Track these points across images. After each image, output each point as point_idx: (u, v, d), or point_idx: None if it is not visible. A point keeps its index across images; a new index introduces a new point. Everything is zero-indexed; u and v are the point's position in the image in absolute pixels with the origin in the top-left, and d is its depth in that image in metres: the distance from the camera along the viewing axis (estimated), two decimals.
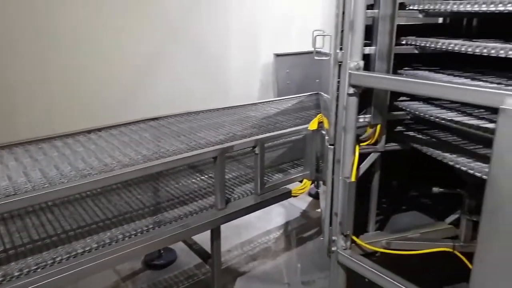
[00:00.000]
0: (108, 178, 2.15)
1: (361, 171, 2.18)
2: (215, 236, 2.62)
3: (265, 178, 2.85)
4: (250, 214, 2.73)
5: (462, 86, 1.54)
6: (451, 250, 2.25)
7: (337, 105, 2.09)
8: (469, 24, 2.59)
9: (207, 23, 5.06)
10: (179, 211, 2.53)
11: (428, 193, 2.61)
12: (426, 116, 2.03)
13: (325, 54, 3.97)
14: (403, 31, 2.21)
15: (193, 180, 2.95)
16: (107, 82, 4.34)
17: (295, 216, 4.22)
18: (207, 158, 2.51)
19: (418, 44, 2.14)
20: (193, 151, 2.59)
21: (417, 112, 2.06)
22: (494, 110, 1.42)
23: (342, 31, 2.02)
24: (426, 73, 2.18)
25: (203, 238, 2.73)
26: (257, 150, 2.61)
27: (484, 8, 1.73)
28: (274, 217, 4.14)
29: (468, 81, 1.96)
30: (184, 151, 2.81)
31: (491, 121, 1.72)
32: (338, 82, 2.06)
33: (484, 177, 1.60)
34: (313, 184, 3.26)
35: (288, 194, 2.89)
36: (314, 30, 4.18)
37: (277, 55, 5.63)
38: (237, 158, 3.29)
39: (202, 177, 2.99)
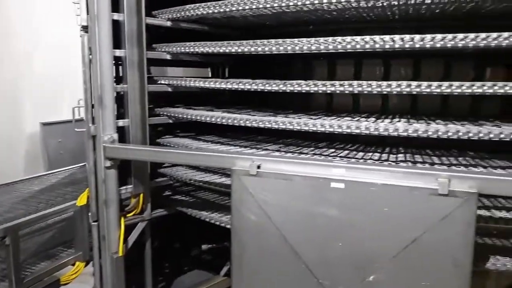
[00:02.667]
0: None
1: (130, 242, 2.14)
2: None
3: (28, 269, 2.47)
4: None
5: (201, 153, 1.73)
6: None
7: (96, 179, 2.03)
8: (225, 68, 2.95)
9: None
10: None
11: (208, 250, 2.77)
12: (185, 180, 2.18)
13: None
14: (158, 100, 2.36)
15: None
16: None
17: None
18: None
19: (171, 114, 2.31)
20: None
21: (175, 177, 2.19)
22: None
23: (92, 105, 2.02)
24: (182, 140, 2.35)
25: None
26: (7, 240, 2.25)
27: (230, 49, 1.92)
28: None
29: (216, 145, 2.21)
30: None
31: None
32: (94, 155, 2.02)
33: (228, 226, 1.79)
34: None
35: (56, 284, 2.56)
36: (80, 99, 4.02)
37: (44, 124, 5.13)
38: None
39: None
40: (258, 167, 1.58)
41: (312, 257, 1.52)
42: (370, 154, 1.98)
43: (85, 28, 1.97)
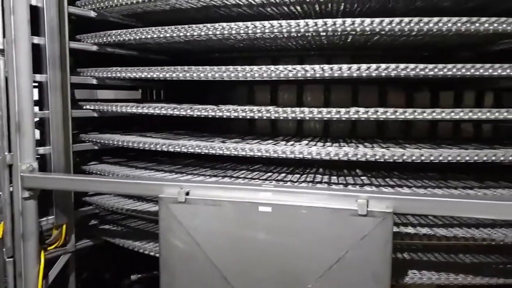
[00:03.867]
0: None
1: (51, 278, 2.00)
2: None
3: None
4: None
5: (126, 181, 1.69)
6: None
7: (12, 211, 1.89)
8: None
9: None
10: None
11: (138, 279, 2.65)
12: (111, 208, 2.10)
13: None
14: (85, 125, 2.28)
15: None
16: None
17: None
18: None
19: (97, 141, 2.23)
20: None
21: (101, 206, 2.11)
22: None
23: (9, 133, 1.90)
24: (110, 167, 2.26)
25: None
26: None
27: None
28: None
29: (147, 172, 2.16)
30: None
31: None
32: (11, 186, 1.88)
33: (157, 255, 1.74)
34: None
35: None
36: None
37: None
38: None
39: None
40: (187, 193, 1.57)
41: (241, 282, 1.53)
42: (298, 176, 2.06)
43: (1, 52, 1.86)
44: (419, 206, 1.47)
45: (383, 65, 1.61)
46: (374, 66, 1.61)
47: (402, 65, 1.59)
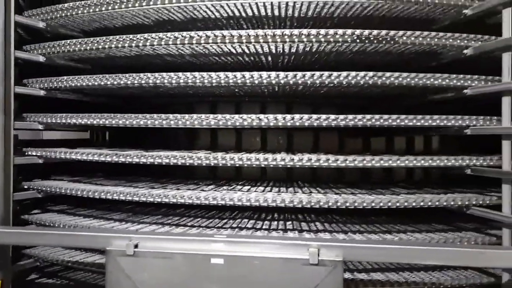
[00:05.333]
0: None
1: None
2: None
3: None
4: None
5: (69, 233, 1.60)
6: None
7: None
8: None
9: None
10: None
11: None
12: (57, 262, 1.97)
13: None
14: (27, 173, 2.17)
15: None
16: None
17: None
18: None
19: (40, 188, 2.12)
20: None
21: (42, 258, 1.97)
22: None
23: None
24: (54, 216, 2.14)
25: None
26: None
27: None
28: None
29: (96, 221, 2.05)
30: None
31: None
32: None
33: None
34: None
35: None
36: None
37: None
38: None
39: None
40: (136, 246, 1.50)
41: None
42: (253, 221, 2.05)
43: None
44: (369, 254, 1.49)
45: (315, 116, 1.71)
46: (306, 116, 1.71)
47: (332, 116, 1.70)
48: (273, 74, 1.71)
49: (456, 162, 1.77)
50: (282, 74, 1.70)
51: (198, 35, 1.73)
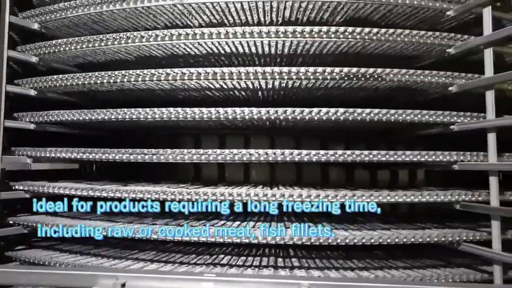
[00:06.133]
0: None
1: None
2: None
3: None
4: None
5: (51, 271, 1.54)
6: None
7: None
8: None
9: None
10: None
11: None
12: None
13: None
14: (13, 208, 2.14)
15: None
16: None
17: None
18: None
19: (27, 224, 2.08)
20: None
21: None
22: None
23: None
24: (37, 253, 2.08)
25: None
26: None
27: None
28: None
29: (83, 258, 2.00)
30: None
31: None
32: None
33: None
34: None
35: None
36: None
37: None
38: None
39: None
40: (123, 285, 1.46)
41: None
42: (244, 258, 2.01)
43: None
44: None
45: (296, 151, 1.74)
46: (287, 151, 1.74)
47: (304, 151, 1.74)
48: (246, 110, 1.76)
49: (445, 198, 1.79)
50: (255, 110, 1.75)
51: (175, 72, 1.78)
